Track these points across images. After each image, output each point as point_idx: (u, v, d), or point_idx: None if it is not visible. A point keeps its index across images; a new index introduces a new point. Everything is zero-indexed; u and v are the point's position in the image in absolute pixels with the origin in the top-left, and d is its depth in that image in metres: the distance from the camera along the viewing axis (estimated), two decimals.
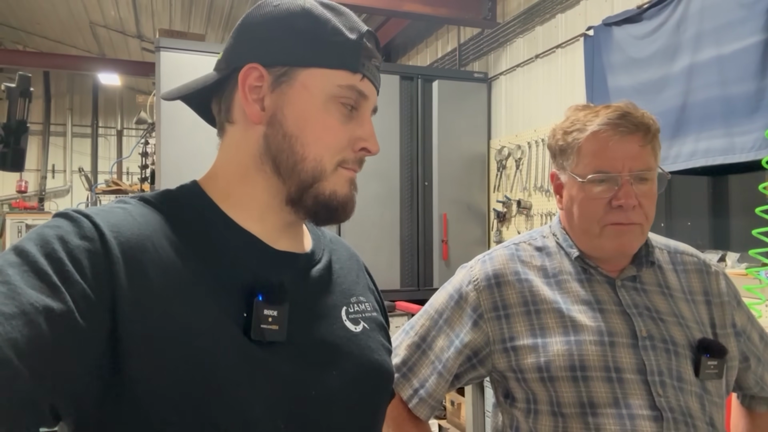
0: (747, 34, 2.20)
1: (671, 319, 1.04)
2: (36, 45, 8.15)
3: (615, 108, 1.04)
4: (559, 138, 1.09)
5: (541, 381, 1.02)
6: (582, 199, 1.04)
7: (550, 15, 3.56)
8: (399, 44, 5.80)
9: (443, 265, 3.97)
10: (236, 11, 6.25)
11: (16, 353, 0.49)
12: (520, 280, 1.10)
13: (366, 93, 0.75)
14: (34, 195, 9.64)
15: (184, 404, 0.60)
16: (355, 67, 0.73)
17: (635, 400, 0.98)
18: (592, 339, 1.01)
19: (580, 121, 1.05)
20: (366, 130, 0.76)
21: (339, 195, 0.74)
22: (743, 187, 2.50)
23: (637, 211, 1.01)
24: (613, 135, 1.01)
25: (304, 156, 0.72)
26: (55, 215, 0.62)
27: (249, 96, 0.73)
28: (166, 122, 3.29)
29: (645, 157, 1.02)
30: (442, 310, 1.14)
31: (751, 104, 2.19)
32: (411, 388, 1.12)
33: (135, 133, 9.31)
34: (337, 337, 0.75)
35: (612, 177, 1.01)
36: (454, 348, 1.10)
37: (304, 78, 0.72)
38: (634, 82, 2.74)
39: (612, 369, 0.99)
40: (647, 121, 1.02)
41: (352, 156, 0.75)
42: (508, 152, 3.91)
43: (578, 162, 1.04)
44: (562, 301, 1.06)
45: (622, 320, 1.03)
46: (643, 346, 1.01)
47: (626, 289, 1.06)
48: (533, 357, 1.03)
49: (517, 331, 1.06)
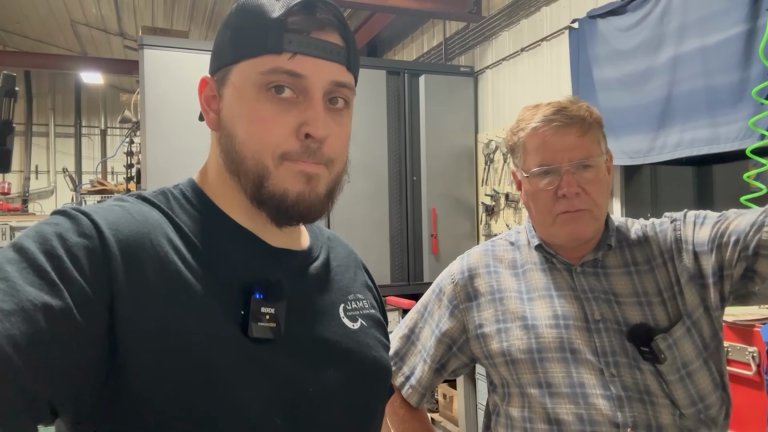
0: (730, 25, 2.23)
1: (630, 300, 1.07)
2: (16, 44, 8.04)
3: (554, 104, 1.10)
4: (509, 138, 1.17)
5: (505, 365, 1.10)
6: (533, 193, 1.11)
7: (535, 8, 3.57)
8: (385, 39, 5.80)
9: (433, 260, 3.98)
10: (219, 8, 6.21)
11: (14, 349, 0.49)
12: (490, 273, 1.19)
13: (300, 71, 0.67)
14: (17, 197, 9.54)
15: (181, 401, 0.60)
16: (277, 47, 0.66)
17: (589, 380, 1.03)
18: (548, 323, 1.08)
19: (524, 120, 1.13)
20: (309, 113, 0.68)
21: (291, 193, 0.68)
22: (728, 177, 2.54)
23: (582, 197, 1.06)
24: (549, 130, 1.08)
25: (243, 155, 0.69)
26: (53, 213, 0.62)
27: (207, 107, 0.74)
28: (151, 121, 3.26)
29: (584, 147, 1.07)
30: (427, 303, 1.26)
31: (735, 94, 2.22)
32: (403, 376, 1.23)
33: (119, 132, 9.24)
34: (335, 335, 0.75)
35: (553, 168, 1.07)
36: (434, 337, 1.20)
37: (233, 75, 0.70)
38: (619, 74, 2.77)
39: (567, 350, 1.05)
40: (582, 114, 1.08)
41: (298, 146, 0.68)
42: (496, 146, 3.92)
43: (525, 158, 1.12)
44: (525, 289, 1.14)
45: (577, 305, 1.08)
46: (596, 329, 1.05)
47: (585, 275, 1.11)
48: (497, 342, 1.12)
49: (485, 319, 1.15)
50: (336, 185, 0.74)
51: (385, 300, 3.14)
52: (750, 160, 2.08)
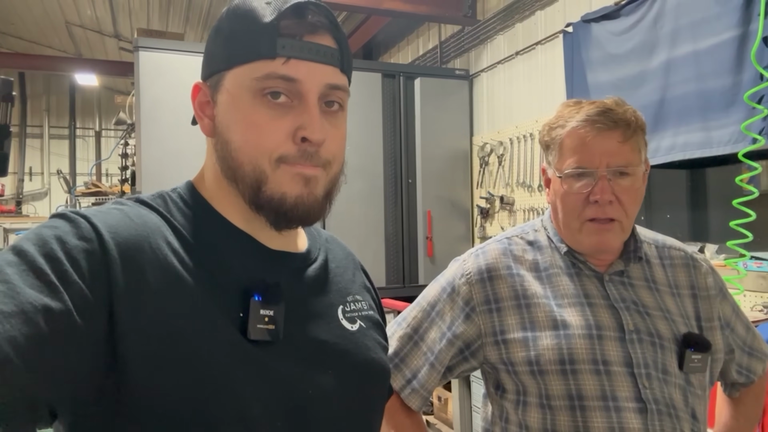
0: (722, 30, 2.24)
1: (657, 313, 1.06)
2: (10, 45, 8.01)
3: (598, 104, 1.05)
4: (545, 134, 1.11)
5: (531, 374, 1.04)
6: (563, 194, 1.06)
7: (530, 12, 3.59)
8: (380, 42, 5.80)
9: (428, 262, 3.99)
10: (215, 9, 6.20)
11: (15, 351, 0.49)
12: (512, 275, 1.11)
13: (294, 76, 0.67)
14: (11, 198, 9.48)
15: (181, 404, 0.60)
16: (270, 53, 0.66)
17: (622, 392, 1.00)
18: (581, 333, 1.03)
19: (564, 117, 1.07)
20: (305, 117, 0.68)
21: (289, 196, 0.69)
22: (721, 180, 2.55)
23: (615, 206, 1.02)
24: (590, 131, 1.03)
25: (240, 161, 0.69)
26: (52, 216, 0.62)
27: (201, 113, 0.74)
28: (146, 123, 3.26)
29: (624, 153, 1.03)
30: (435, 302, 1.16)
31: (727, 98, 2.23)
32: (403, 378, 1.14)
33: (114, 134, 9.19)
34: (334, 336, 0.75)
35: (590, 172, 1.03)
36: (446, 340, 1.11)
37: (227, 81, 0.70)
38: (612, 78, 2.78)
39: (600, 362, 1.01)
40: (628, 118, 1.03)
41: (294, 150, 0.68)
42: (491, 149, 3.94)
43: (560, 157, 1.07)
44: (552, 295, 1.08)
45: (610, 314, 1.05)
46: (630, 340, 1.02)
47: (614, 284, 1.08)
48: (524, 351, 1.05)
49: (508, 325, 1.08)
50: (333, 187, 0.74)
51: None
52: (742, 164, 2.10)
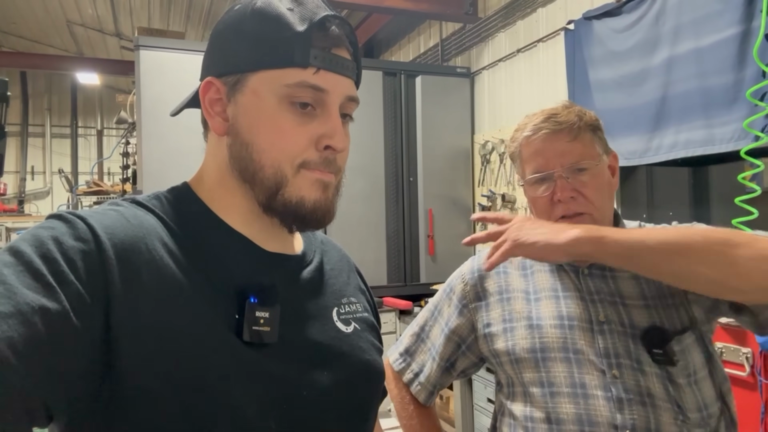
0: (724, 26, 2.24)
1: (637, 302, 1.07)
2: (12, 45, 8.02)
3: (544, 112, 1.13)
4: (509, 147, 1.20)
5: (510, 363, 1.12)
6: (533, 199, 1.15)
7: (531, 9, 3.58)
8: (381, 40, 5.80)
9: (430, 261, 3.99)
10: (216, 8, 6.20)
11: (12, 351, 0.49)
12: (499, 273, 1.21)
13: (323, 86, 0.70)
14: (13, 197, 9.50)
15: (176, 405, 0.60)
16: (304, 62, 0.68)
17: (591, 381, 1.03)
18: (552, 323, 1.09)
19: (519, 129, 1.15)
20: (329, 126, 0.70)
21: (308, 201, 0.71)
22: (723, 178, 2.55)
23: (579, 201, 1.08)
24: (539, 137, 1.10)
25: (262, 164, 0.70)
26: (49, 216, 0.62)
27: (210, 110, 0.73)
28: (147, 121, 3.26)
29: (576, 151, 1.09)
30: (437, 302, 1.28)
31: (730, 95, 2.22)
32: (412, 373, 1.26)
33: (115, 132, 9.21)
34: (329, 338, 0.75)
35: (548, 175, 1.10)
36: (444, 335, 1.23)
37: (253, 83, 0.70)
38: (614, 75, 2.77)
39: (570, 350, 1.06)
40: (572, 118, 1.10)
41: (316, 156, 0.70)
42: (492, 147, 3.93)
43: (522, 167, 1.16)
44: (532, 290, 1.16)
45: (582, 306, 1.09)
46: (600, 331, 1.06)
47: (591, 277, 1.12)
48: (503, 341, 1.13)
49: (492, 318, 1.17)
50: (338, 190, 0.76)
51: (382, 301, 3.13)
52: (745, 161, 2.09)
